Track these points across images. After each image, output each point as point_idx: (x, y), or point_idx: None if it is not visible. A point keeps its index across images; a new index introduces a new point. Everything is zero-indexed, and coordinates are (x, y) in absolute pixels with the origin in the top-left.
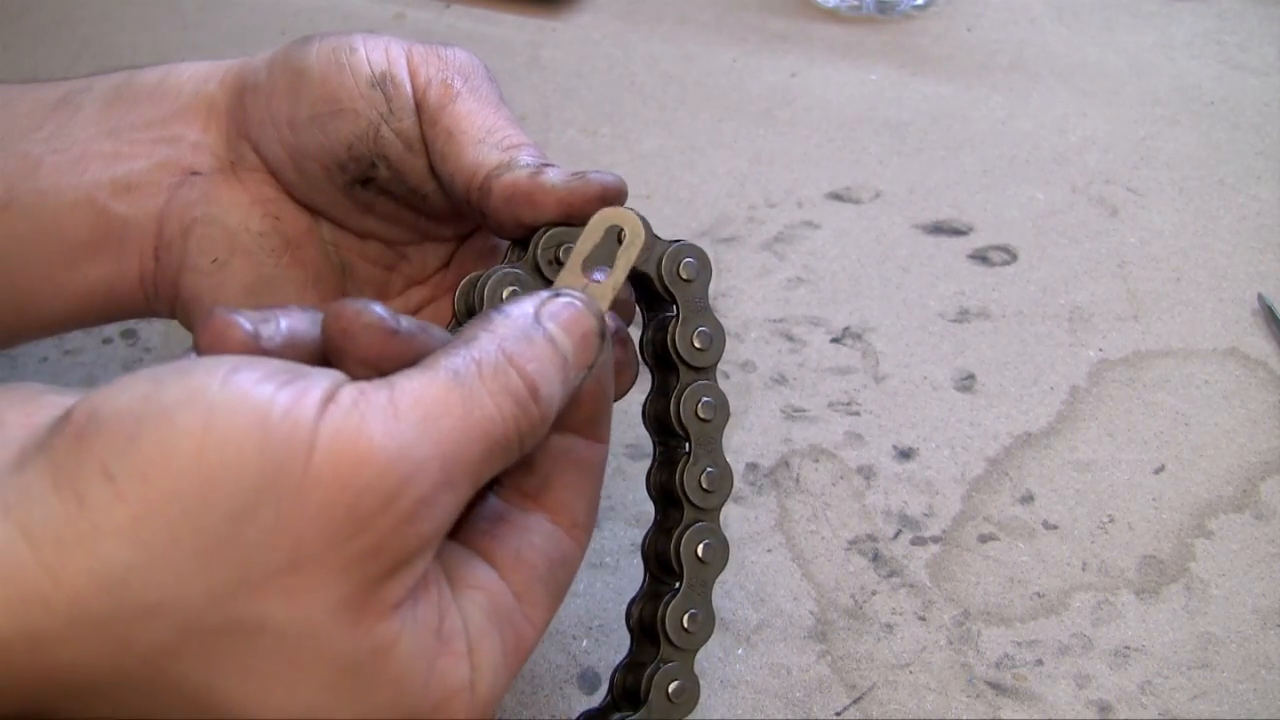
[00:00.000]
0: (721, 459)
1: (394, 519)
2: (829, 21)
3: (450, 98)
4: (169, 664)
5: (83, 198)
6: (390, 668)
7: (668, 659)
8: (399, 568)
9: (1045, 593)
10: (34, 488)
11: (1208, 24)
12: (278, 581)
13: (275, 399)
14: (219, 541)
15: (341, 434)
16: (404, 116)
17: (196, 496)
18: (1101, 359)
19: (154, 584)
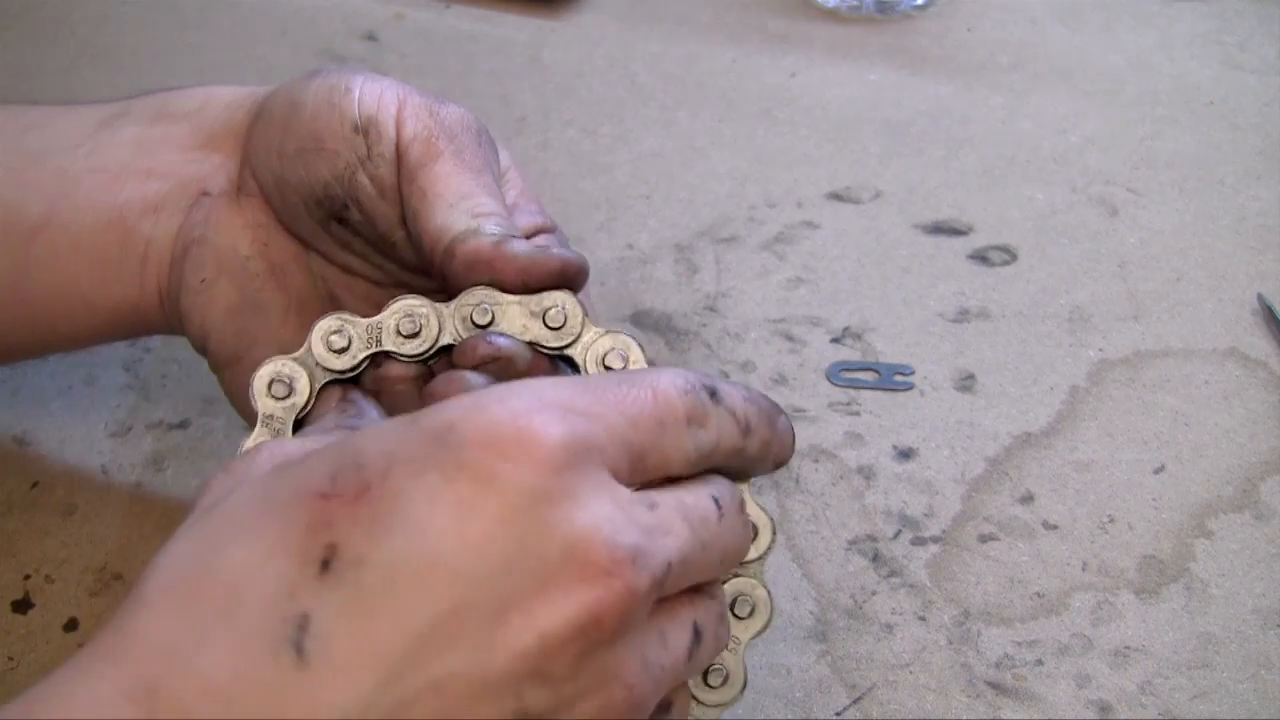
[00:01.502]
0: (753, 506)
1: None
2: (829, 21)
3: (432, 157)
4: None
5: (115, 217)
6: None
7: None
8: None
9: (1045, 593)
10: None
11: (1208, 24)
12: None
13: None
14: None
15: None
16: (380, 164)
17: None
18: (1101, 359)
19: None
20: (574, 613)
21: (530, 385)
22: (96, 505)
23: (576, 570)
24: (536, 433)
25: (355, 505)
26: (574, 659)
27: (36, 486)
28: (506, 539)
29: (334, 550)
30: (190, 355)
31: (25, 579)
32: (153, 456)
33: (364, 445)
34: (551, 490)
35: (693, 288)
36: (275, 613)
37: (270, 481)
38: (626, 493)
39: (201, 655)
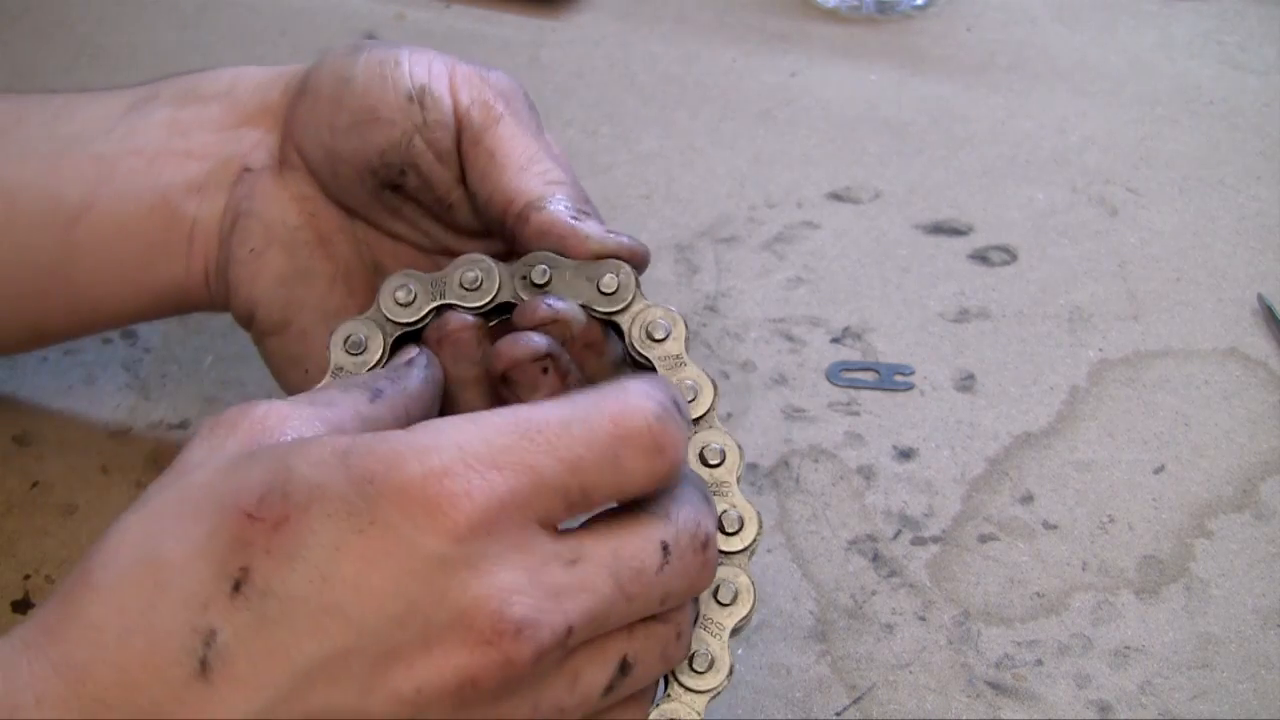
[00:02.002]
0: (740, 500)
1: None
2: (829, 21)
3: (494, 119)
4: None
5: (159, 200)
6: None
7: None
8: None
9: (1045, 593)
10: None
11: (1208, 24)
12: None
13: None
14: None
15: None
16: (438, 129)
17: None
18: (1101, 359)
19: None
20: (451, 672)
21: (460, 436)
22: (96, 505)
23: (460, 635)
24: (446, 501)
25: (272, 534)
26: (450, 710)
27: (36, 486)
28: (400, 597)
29: (246, 574)
30: (190, 355)
31: (25, 579)
32: (153, 456)
33: (297, 472)
34: (451, 558)
35: (693, 288)
36: (189, 621)
37: (218, 481)
38: (545, 550)
39: (123, 647)
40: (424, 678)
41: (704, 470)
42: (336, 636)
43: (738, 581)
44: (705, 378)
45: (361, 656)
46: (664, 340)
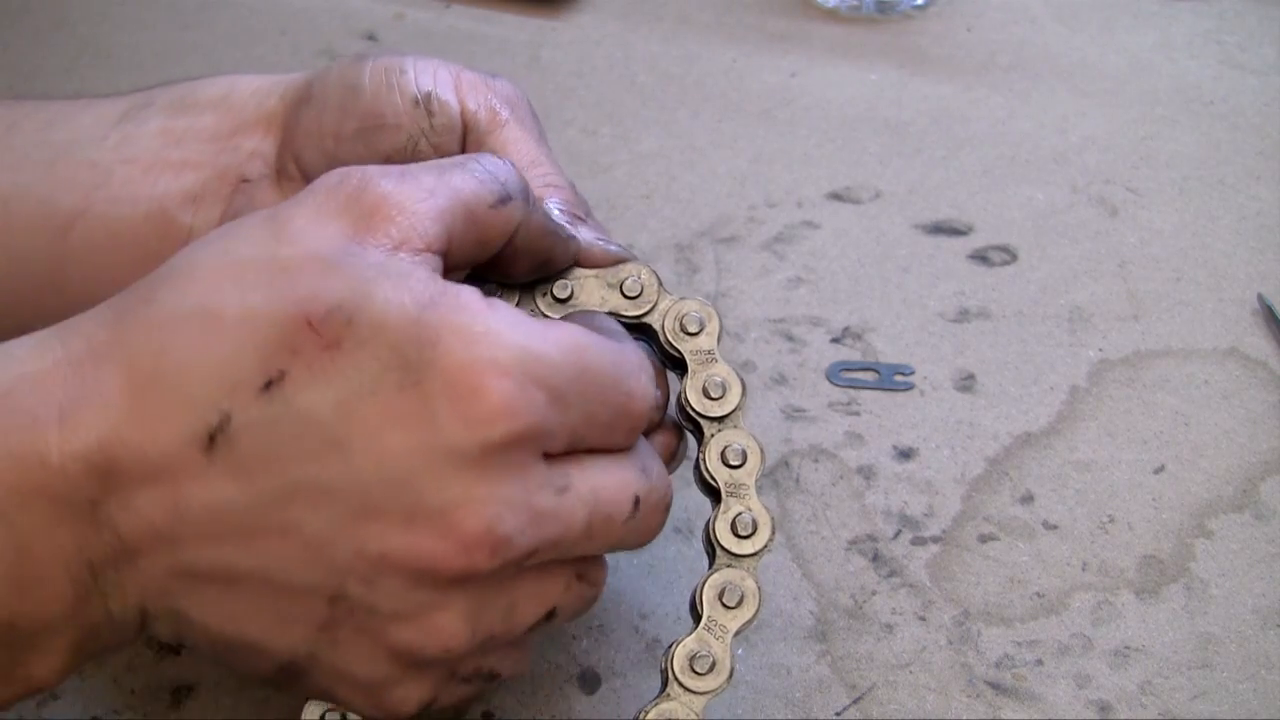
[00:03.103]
0: (756, 504)
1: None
2: (829, 21)
3: (499, 124)
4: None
5: (155, 209)
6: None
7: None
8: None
9: (1045, 593)
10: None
11: (1208, 24)
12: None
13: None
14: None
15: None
16: (444, 133)
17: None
18: (1101, 359)
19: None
20: (418, 554)
21: (530, 340)
22: None
23: (442, 526)
24: (492, 403)
25: (321, 351)
26: (401, 585)
27: None
28: (405, 466)
29: (281, 377)
30: None
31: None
32: None
33: (372, 303)
34: (469, 455)
35: (693, 288)
36: (213, 397)
37: (302, 268)
38: (541, 475)
39: (147, 393)
40: (392, 547)
41: (724, 471)
42: (332, 471)
43: (744, 585)
44: (734, 376)
45: (346, 500)
46: (697, 334)
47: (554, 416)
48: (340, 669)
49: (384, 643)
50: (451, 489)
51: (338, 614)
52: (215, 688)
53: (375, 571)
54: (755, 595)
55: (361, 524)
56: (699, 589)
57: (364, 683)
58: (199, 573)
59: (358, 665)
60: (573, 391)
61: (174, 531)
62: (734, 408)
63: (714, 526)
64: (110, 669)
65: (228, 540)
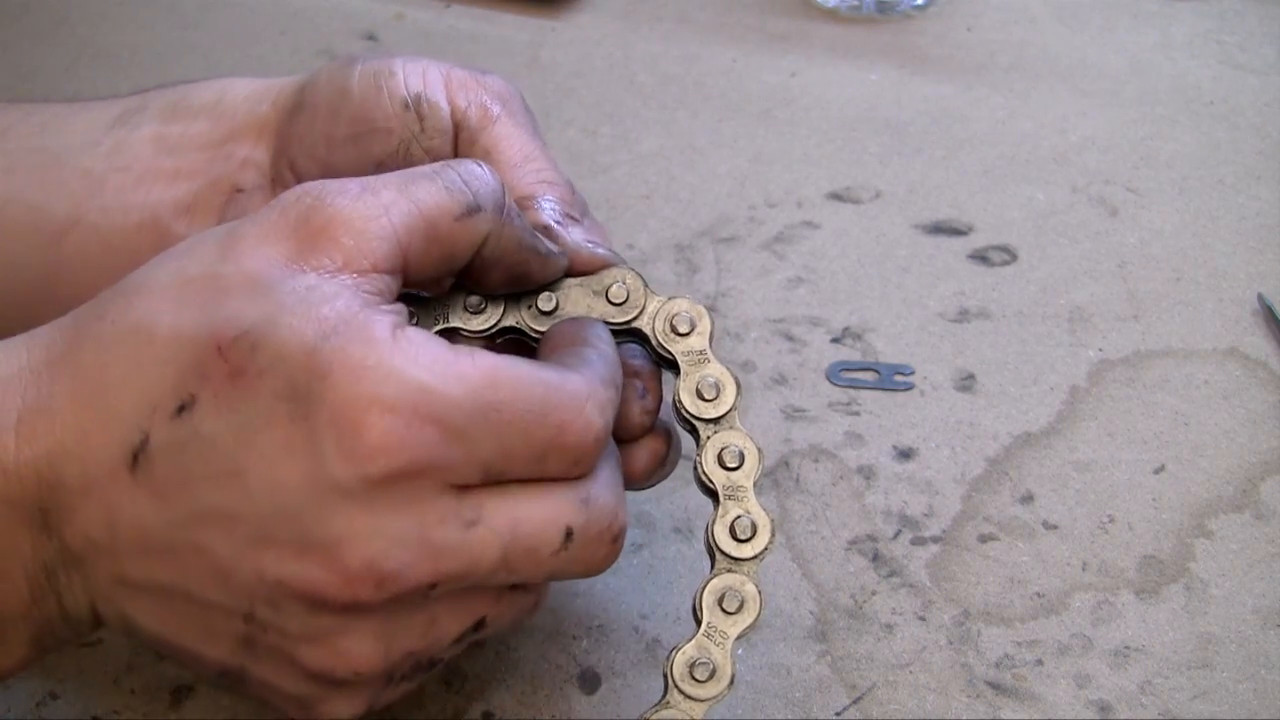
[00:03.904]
0: (754, 506)
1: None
2: (829, 21)
3: (490, 119)
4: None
5: (148, 218)
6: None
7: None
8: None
9: (1045, 593)
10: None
11: (1208, 24)
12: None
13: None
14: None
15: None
16: (435, 136)
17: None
18: (1101, 359)
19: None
20: (308, 583)
21: (429, 377)
22: None
23: (325, 560)
24: (374, 440)
25: (226, 380)
26: (301, 610)
27: None
28: (293, 499)
29: (192, 402)
30: None
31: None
32: None
33: (274, 333)
34: (351, 491)
35: (693, 288)
36: (136, 418)
37: (232, 288)
38: (445, 508)
39: (86, 407)
40: (287, 574)
41: (721, 473)
42: (233, 498)
43: (744, 590)
44: (729, 376)
45: (246, 526)
46: (688, 335)
47: (453, 452)
48: (267, 683)
49: (299, 663)
50: (335, 523)
51: (254, 631)
52: (215, 688)
53: (276, 596)
54: (756, 600)
55: (260, 551)
56: (699, 594)
57: (292, 697)
58: (134, 583)
59: (281, 681)
60: (476, 427)
61: (109, 545)
62: (729, 408)
63: (713, 530)
64: (110, 669)
65: (153, 556)
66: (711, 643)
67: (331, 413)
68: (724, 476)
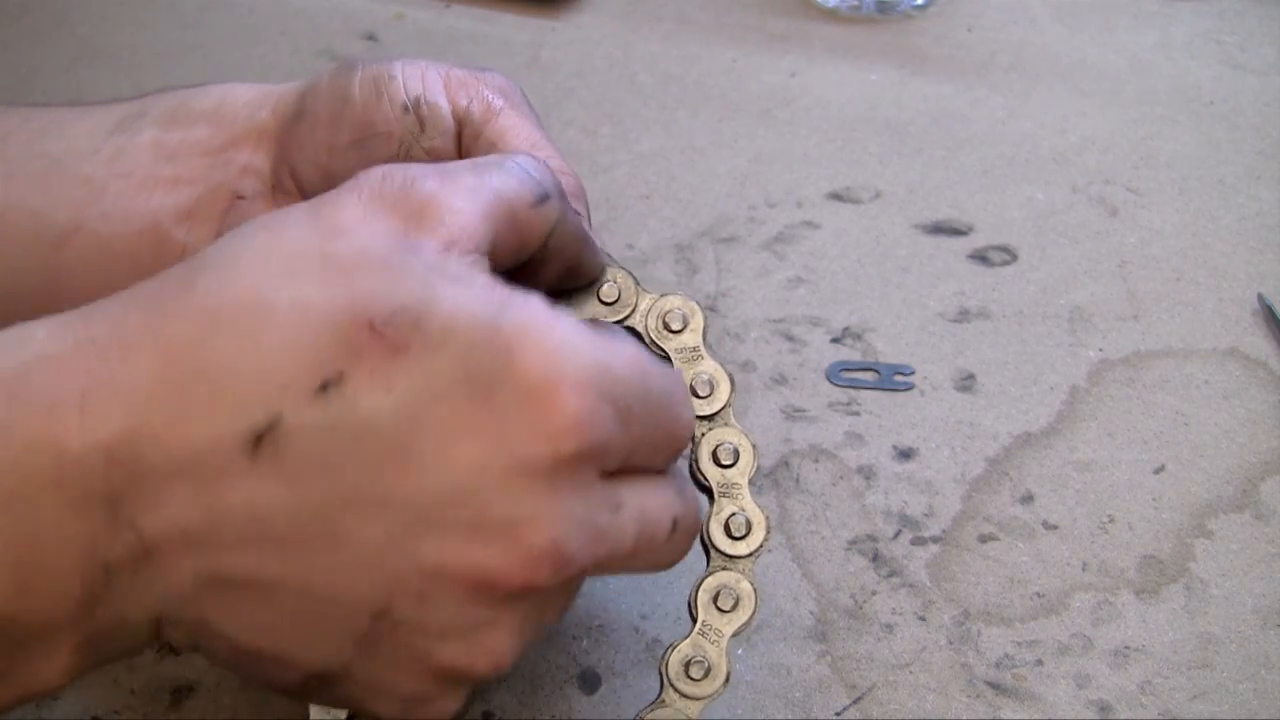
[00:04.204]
0: (749, 504)
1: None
2: (829, 21)
3: (493, 113)
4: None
5: (148, 224)
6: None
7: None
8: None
9: (1045, 593)
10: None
11: (1208, 24)
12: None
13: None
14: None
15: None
16: (436, 136)
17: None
18: (1101, 359)
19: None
20: (479, 568)
21: (605, 356)
22: None
23: (507, 541)
24: (568, 419)
25: (386, 356)
26: (455, 601)
27: None
28: (474, 479)
29: (340, 380)
30: None
31: None
32: None
33: (441, 306)
34: (540, 470)
35: (693, 288)
36: (262, 395)
37: (360, 269)
38: (600, 493)
39: (188, 390)
40: (451, 559)
41: (716, 471)
42: (392, 481)
43: (739, 588)
44: (723, 372)
45: (405, 512)
46: (680, 332)
47: (618, 434)
48: (375, 684)
49: (429, 661)
50: (520, 503)
51: (381, 629)
52: (215, 688)
53: (429, 586)
54: (751, 598)
55: (420, 536)
56: (694, 592)
57: (400, 697)
58: (231, 580)
59: (397, 681)
60: (636, 410)
61: (207, 534)
62: (723, 405)
63: (707, 528)
64: (110, 669)
65: (268, 547)
66: (707, 641)
67: (521, 389)
68: (719, 474)
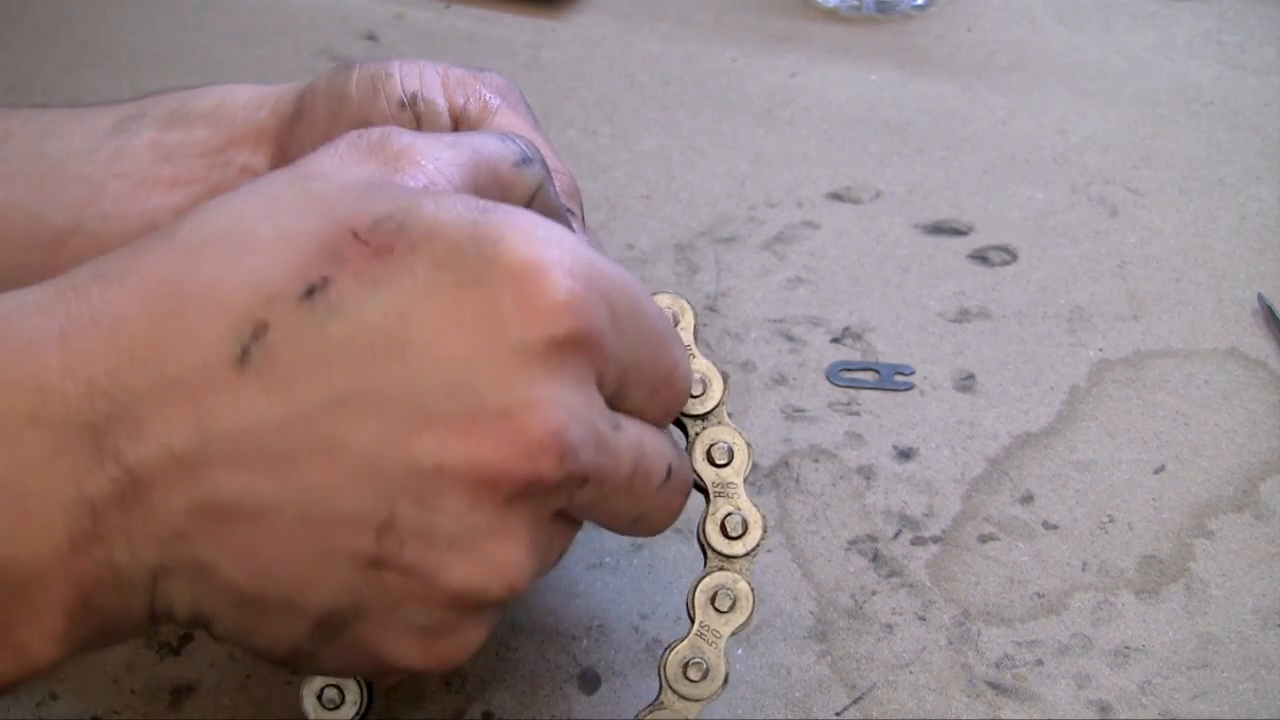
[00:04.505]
0: (745, 503)
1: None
2: (829, 21)
3: (490, 111)
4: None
5: (146, 225)
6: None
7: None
8: None
9: (1045, 593)
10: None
11: (1208, 24)
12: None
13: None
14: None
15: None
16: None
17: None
18: (1101, 359)
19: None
20: (479, 464)
21: (596, 256)
22: None
23: (506, 431)
24: (560, 299)
25: (370, 258)
26: (459, 503)
27: None
28: (467, 367)
29: (325, 284)
30: None
31: None
32: None
33: (421, 209)
34: (535, 354)
35: (693, 288)
36: (247, 306)
37: (336, 195)
38: (599, 404)
39: (170, 307)
40: (449, 457)
41: (711, 470)
42: (385, 378)
43: (736, 588)
44: (714, 370)
45: (399, 408)
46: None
47: (611, 335)
48: (389, 620)
49: (440, 582)
50: (516, 388)
51: (387, 549)
52: (215, 688)
53: (430, 488)
54: (749, 598)
55: (417, 434)
56: (691, 593)
57: (417, 631)
58: (225, 507)
59: (410, 613)
60: (628, 322)
61: (196, 457)
62: (716, 403)
63: (704, 528)
64: (110, 669)
65: (261, 464)
66: (705, 642)
67: (510, 273)
68: (714, 473)
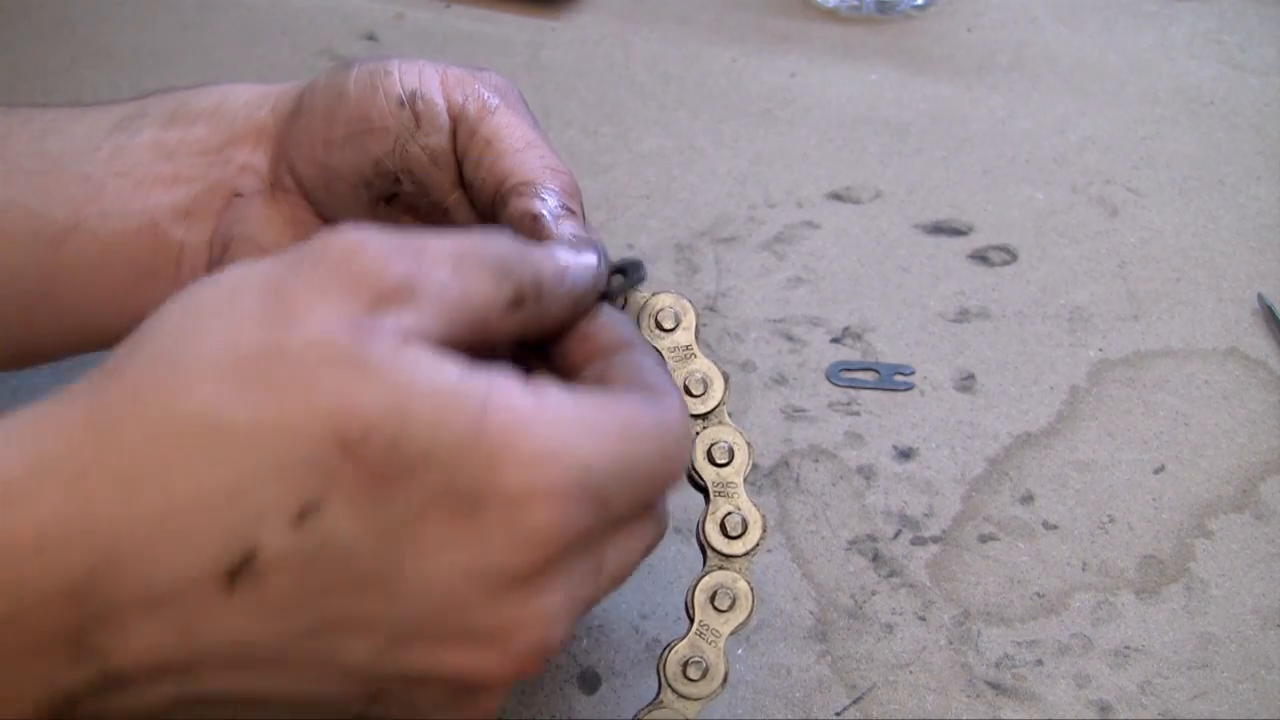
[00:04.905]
0: (745, 503)
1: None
2: (829, 21)
3: (489, 110)
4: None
5: (146, 223)
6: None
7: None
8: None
9: (1045, 593)
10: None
11: (1208, 24)
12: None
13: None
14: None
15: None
16: (432, 132)
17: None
18: (1101, 359)
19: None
20: (467, 671)
21: (585, 447)
22: None
23: (494, 646)
24: (549, 529)
25: (367, 481)
26: (443, 693)
27: None
28: (458, 593)
29: (316, 509)
30: None
31: None
32: None
33: (415, 421)
34: (523, 578)
35: (693, 288)
36: (232, 526)
37: (314, 336)
38: (582, 567)
39: (155, 531)
40: (439, 665)
41: (711, 470)
42: (374, 602)
43: (736, 587)
44: (715, 370)
45: (390, 628)
46: (673, 330)
47: (599, 517)
48: None
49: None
50: (506, 611)
51: (373, 711)
52: None
53: (417, 685)
54: (748, 597)
55: (406, 648)
56: (690, 592)
57: None
58: (212, 697)
59: None
60: (619, 489)
61: (185, 663)
62: (717, 403)
63: (703, 527)
64: None
65: (252, 669)
66: (704, 641)
67: (504, 500)
68: (714, 473)
